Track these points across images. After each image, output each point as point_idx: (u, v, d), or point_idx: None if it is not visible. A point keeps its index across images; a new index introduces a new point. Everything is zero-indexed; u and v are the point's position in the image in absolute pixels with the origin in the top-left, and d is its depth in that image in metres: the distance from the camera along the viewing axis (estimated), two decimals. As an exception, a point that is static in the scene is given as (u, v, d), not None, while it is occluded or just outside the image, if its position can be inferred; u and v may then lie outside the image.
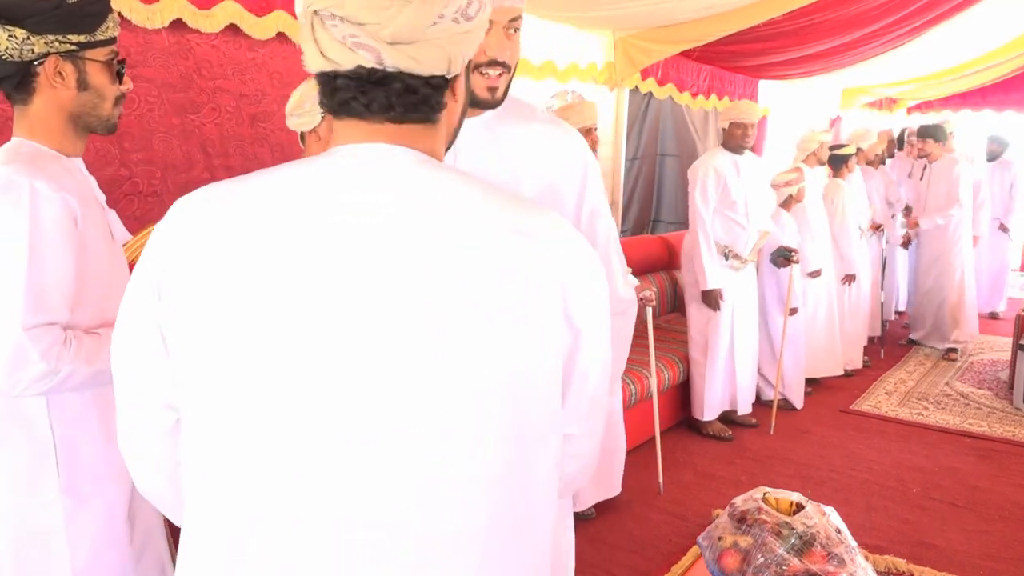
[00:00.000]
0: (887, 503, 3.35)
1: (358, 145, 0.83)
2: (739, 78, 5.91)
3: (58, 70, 1.34)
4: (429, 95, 0.83)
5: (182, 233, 0.81)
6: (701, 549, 2.10)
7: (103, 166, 2.34)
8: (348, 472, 0.75)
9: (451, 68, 0.83)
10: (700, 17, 4.19)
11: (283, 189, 0.81)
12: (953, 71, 6.87)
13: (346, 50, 0.78)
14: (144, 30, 2.44)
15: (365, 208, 0.79)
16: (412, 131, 0.84)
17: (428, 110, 0.84)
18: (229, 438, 0.78)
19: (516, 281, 0.79)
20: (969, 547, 2.99)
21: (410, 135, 0.84)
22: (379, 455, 0.75)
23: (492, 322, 0.77)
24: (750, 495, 2.11)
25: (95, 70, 1.38)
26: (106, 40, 1.38)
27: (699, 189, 3.91)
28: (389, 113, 0.82)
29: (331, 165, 0.82)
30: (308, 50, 0.82)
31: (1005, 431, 4.23)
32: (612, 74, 4.63)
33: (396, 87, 0.81)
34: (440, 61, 0.81)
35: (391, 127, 0.83)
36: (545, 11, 3.92)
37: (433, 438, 0.76)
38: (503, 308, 0.78)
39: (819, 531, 1.93)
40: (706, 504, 3.31)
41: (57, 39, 1.31)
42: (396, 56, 0.79)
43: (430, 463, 0.76)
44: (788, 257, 4.08)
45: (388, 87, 0.81)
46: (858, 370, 5.28)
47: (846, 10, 4.40)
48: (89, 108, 1.40)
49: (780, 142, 6.49)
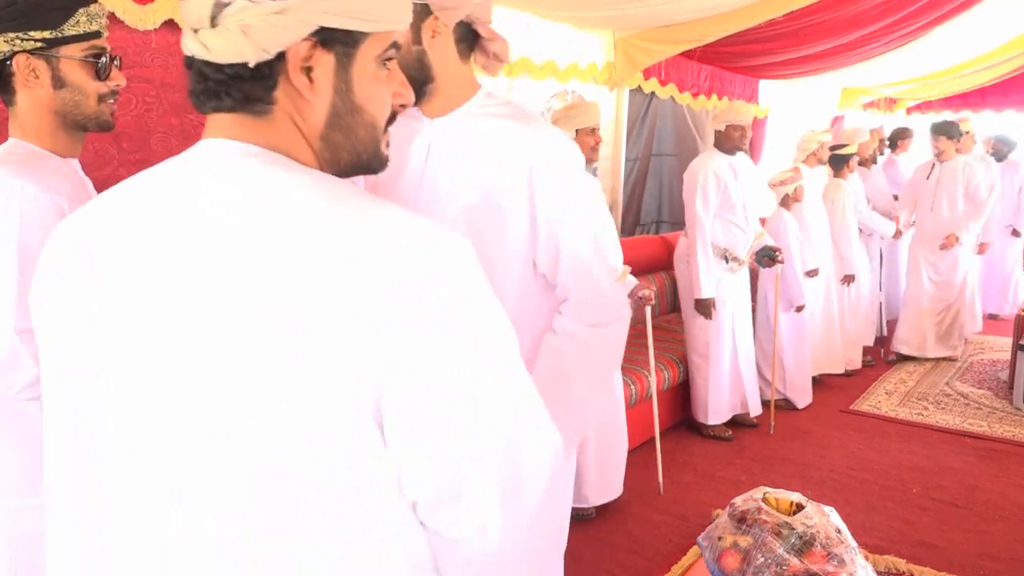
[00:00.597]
0: (887, 503, 3.35)
1: (202, 140, 0.79)
2: (739, 78, 5.91)
3: (31, 68, 1.32)
4: (223, 82, 0.76)
5: (53, 244, 0.80)
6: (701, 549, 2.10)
7: (101, 166, 2.34)
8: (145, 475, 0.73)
9: (255, 56, 0.73)
10: (700, 17, 4.19)
11: (136, 196, 0.78)
12: (953, 70, 6.86)
13: (189, 36, 0.76)
14: (141, 31, 2.44)
15: (181, 209, 0.73)
16: (242, 122, 0.77)
17: (242, 99, 0.76)
18: (65, 431, 0.78)
19: (295, 310, 0.66)
20: (969, 547, 2.99)
21: (242, 127, 0.77)
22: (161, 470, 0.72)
23: (257, 344, 0.67)
24: (750, 495, 2.10)
25: (70, 67, 1.35)
26: (79, 36, 1.34)
27: (700, 195, 3.81)
28: (210, 102, 0.78)
29: (174, 167, 0.79)
30: None
31: (1005, 431, 4.22)
32: (612, 74, 4.62)
33: (192, 74, 0.78)
34: (229, 48, 0.73)
35: (222, 118, 0.78)
36: (545, 11, 3.92)
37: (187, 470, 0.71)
38: (272, 337, 0.67)
39: (819, 531, 1.93)
40: (706, 504, 3.31)
41: (18, 36, 1.29)
42: (189, 43, 0.75)
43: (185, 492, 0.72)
44: (773, 257, 4.06)
45: (197, 74, 0.77)
46: (858, 370, 5.28)
47: (846, 10, 4.40)
48: (71, 106, 1.38)
49: (780, 142, 6.49)
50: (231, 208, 0.71)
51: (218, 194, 0.72)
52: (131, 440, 0.73)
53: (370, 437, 0.70)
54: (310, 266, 0.67)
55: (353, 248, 0.67)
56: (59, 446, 0.79)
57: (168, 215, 0.73)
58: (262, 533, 0.70)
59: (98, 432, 0.74)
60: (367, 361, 0.67)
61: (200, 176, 0.75)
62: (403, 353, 0.67)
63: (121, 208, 0.77)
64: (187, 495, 0.71)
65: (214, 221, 0.71)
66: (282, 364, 0.66)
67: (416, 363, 0.68)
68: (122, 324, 0.72)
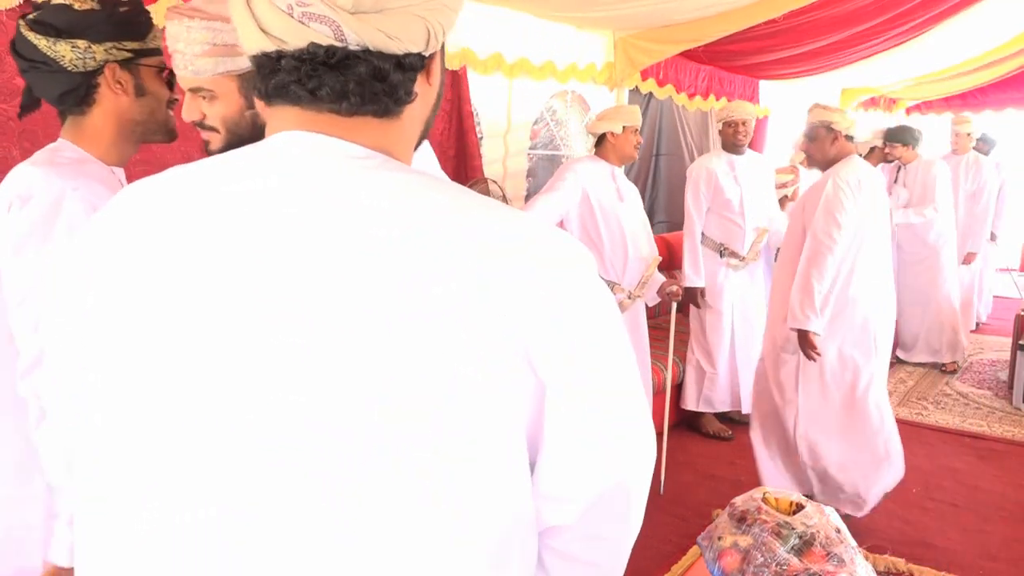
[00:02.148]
0: (887, 503, 3.35)
1: (294, 133, 0.67)
2: (739, 79, 5.91)
3: (117, 78, 1.37)
4: (399, 83, 0.67)
5: (99, 227, 0.71)
6: (701, 549, 2.10)
7: (103, 166, 2.34)
8: (217, 470, 0.64)
9: (429, 44, 0.67)
10: (700, 17, 4.19)
11: (197, 181, 0.69)
12: (953, 70, 6.85)
13: (294, 23, 0.62)
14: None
15: (276, 204, 0.65)
16: (362, 125, 0.68)
17: (391, 102, 0.68)
18: (115, 426, 0.68)
19: (430, 307, 0.61)
20: (969, 547, 2.99)
21: (358, 130, 0.68)
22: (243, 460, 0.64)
23: (382, 348, 0.61)
24: (750, 495, 2.11)
25: (149, 76, 1.42)
26: (155, 48, 1.42)
27: (691, 190, 4.01)
28: (341, 103, 0.66)
29: (255, 158, 0.69)
30: (243, 25, 0.65)
31: (1005, 431, 4.23)
32: (612, 74, 4.62)
33: (360, 71, 0.65)
34: (418, 34, 0.65)
35: (337, 120, 0.67)
36: (545, 11, 3.92)
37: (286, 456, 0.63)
38: (404, 335, 0.61)
39: (819, 531, 1.93)
40: (706, 504, 3.31)
41: (115, 46, 1.35)
42: (362, 29, 0.63)
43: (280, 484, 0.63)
44: None
45: (348, 71, 0.65)
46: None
47: (844, 6, 4.40)
48: (148, 114, 1.43)
49: (780, 142, 6.49)
50: (351, 210, 0.65)
51: (331, 194, 0.66)
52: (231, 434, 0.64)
53: (515, 444, 0.67)
54: (429, 263, 0.62)
55: (481, 244, 0.64)
56: (134, 445, 0.67)
57: (266, 208, 0.65)
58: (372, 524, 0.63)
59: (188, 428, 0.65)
60: (518, 345, 0.63)
61: (306, 172, 0.67)
62: (547, 363, 0.65)
63: (200, 195, 0.68)
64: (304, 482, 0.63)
65: (325, 219, 0.64)
66: (432, 354, 0.61)
67: (559, 378, 0.66)
68: (238, 312, 0.64)
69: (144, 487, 0.66)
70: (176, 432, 0.65)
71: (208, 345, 0.64)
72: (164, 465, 0.66)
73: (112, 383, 0.68)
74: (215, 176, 0.69)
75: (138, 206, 0.70)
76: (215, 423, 0.64)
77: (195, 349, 0.64)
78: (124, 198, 0.72)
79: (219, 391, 0.64)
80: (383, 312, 0.61)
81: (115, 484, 0.68)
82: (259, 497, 0.63)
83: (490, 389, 0.64)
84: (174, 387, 0.65)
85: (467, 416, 0.63)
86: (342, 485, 0.62)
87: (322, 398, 0.62)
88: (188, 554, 0.65)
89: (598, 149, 3.39)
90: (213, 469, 0.64)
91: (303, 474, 0.63)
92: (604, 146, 3.36)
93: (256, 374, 0.63)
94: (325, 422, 0.62)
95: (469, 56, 3.64)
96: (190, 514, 0.65)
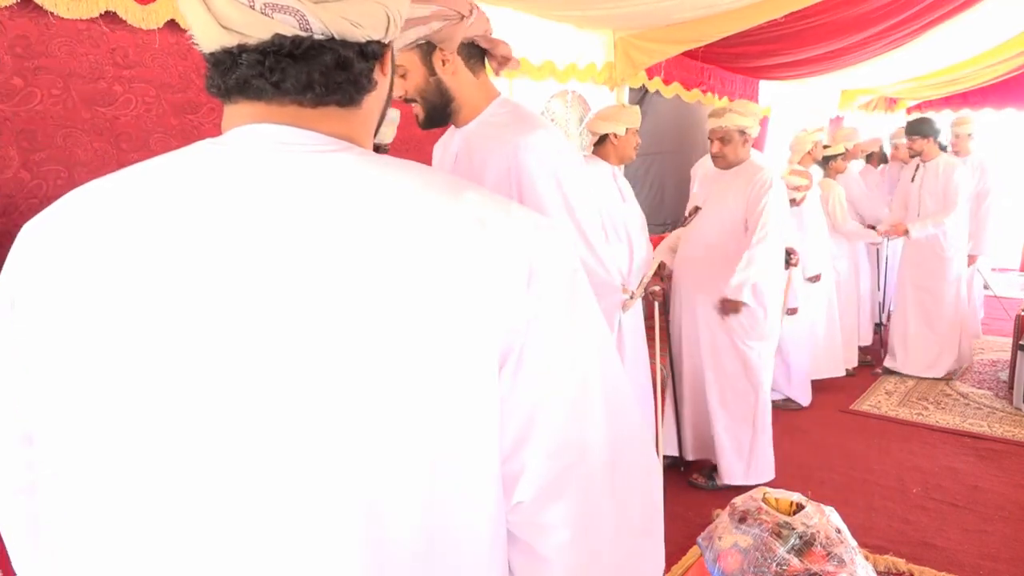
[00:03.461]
0: (887, 503, 3.35)
1: (257, 125, 0.66)
2: (739, 78, 5.92)
3: None
4: (362, 71, 0.66)
5: (39, 240, 0.66)
6: (701, 549, 2.10)
7: (101, 166, 2.34)
8: (221, 493, 0.62)
9: (389, 30, 0.67)
10: (700, 17, 4.19)
11: (161, 184, 0.65)
12: (953, 70, 6.86)
13: (256, 15, 0.61)
14: (143, 30, 2.44)
15: (255, 205, 0.62)
16: (326, 116, 0.67)
17: (354, 91, 0.67)
18: (96, 453, 0.63)
19: (432, 283, 0.61)
20: (969, 547, 2.99)
21: (322, 120, 0.67)
22: (249, 483, 0.61)
23: (392, 331, 0.61)
24: (750, 495, 2.10)
25: None
26: None
27: None
28: (306, 94, 0.65)
29: (217, 153, 0.66)
30: (199, 21, 0.62)
31: (1005, 431, 4.22)
32: (612, 74, 4.62)
33: (325, 61, 0.64)
34: (379, 21, 0.65)
35: (301, 111, 0.66)
36: (545, 11, 3.92)
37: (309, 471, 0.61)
38: (410, 318, 0.61)
39: (819, 531, 1.93)
40: (706, 504, 3.31)
41: None
42: (326, 17, 0.62)
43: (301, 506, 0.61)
44: (787, 260, 4.06)
45: (312, 61, 0.63)
46: (858, 369, 5.27)
47: (847, 12, 4.40)
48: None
49: (781, 142, 6.49)
50: (338, 203, 0.64)
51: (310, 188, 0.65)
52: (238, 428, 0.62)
53: (488, 423, 0.65)
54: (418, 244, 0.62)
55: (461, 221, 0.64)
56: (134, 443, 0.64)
57: (245, 210, 0.63)
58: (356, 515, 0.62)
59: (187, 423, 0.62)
60: (495, 328, 0.63)
61: (276, 167, 0.66)
62: (527, 316, 0.64)
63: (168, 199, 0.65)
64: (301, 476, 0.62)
65: (314, 215, 0.62)
66: (414, 340, 0.61)
67: (538, 327, 0.65)
68: (208, 317, 0.61)
69: (137, 494, 0.64)
70: (161, 441, 0.62)
71: (186, 345, 0.61)
72: (157, 473, 0.63)
73: (94, 390, 0.63)
74: (183, 174, 0.66)
75: (106, 205, 0.67)
76: (200, 428, 0.62)
77: (173, 350, 0.61)
78: (77, 199, 0.68)
79: (203, 393, 0.61)
80: (371, 299, 0.61)
81: (103, 494, 0.65)
82: (255, 500, 0.62)
83: (482, 371, 0.64)
84: (158, 390, 0.62)
85: (464, 402, 0.63)
86: (340, 475, 0.61)
87: (313, 394, 0.61)
88: (182, 553, 0.63)
89: (597, 149, 3.34)
90: (205, 472, 0.62)
91: (306, 466, 0.61)
92: (605, 146, 3.32)
93: (241, 372, 0.61)
94: (315, 417, 0.61)
95: (469, 56, 3.64)
96: (187, 512, 0.63)
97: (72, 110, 2.22)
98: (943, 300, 5.01)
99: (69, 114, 2.21)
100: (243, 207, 0.63)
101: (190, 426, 0.61)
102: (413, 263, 0.61)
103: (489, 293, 0.63)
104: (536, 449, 0.67)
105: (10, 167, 2.09)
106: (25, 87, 2.12)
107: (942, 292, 5.00)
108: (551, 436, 0.67)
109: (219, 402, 0.61)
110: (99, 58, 2.29)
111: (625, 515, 0.72)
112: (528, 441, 0.67)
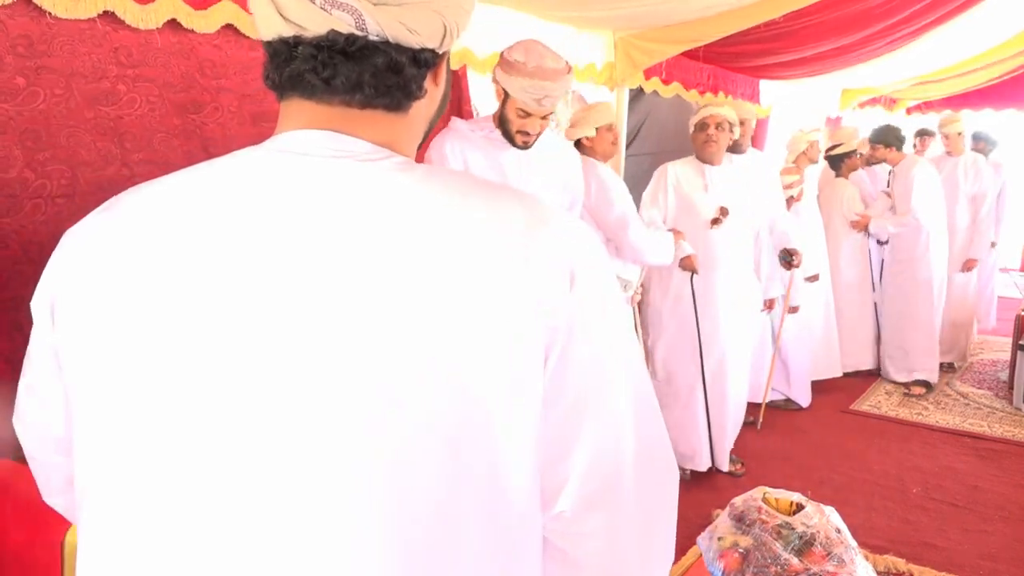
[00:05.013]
0: (887, 503, 3.36)
1: (306, 132, 0.67)
2: (740, 78, 5.92)
3: None
4: (413, 77, 0.68)
5: (81, 245, 0.68)
6: (701, 549, 2.10)
7: (104, 165, 2.34)
8: (264, 496, 0.62)
9: (444, 41, 0.68)
10: (700, 17, 4.19)
11: (212, 191, 0.66)
12: (953, 70, 6.86)
13: (315, 9, 0.62)
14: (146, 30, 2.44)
15: (305, 215, 0.63)
16: (372, 119, 0.68)
17: (402, 96, 0.68)
18: (137, 458, 0.64)
19: (480, 286, 0.63)
20: (969, 547, 3.00)
21: (368, 123, 0.68)
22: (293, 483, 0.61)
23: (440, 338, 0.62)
24: (750, 495, 2.11)
25: None
26: None
27: None
28: (354, 95, 0.66)
29: (265, 160, 0.67)
30: (262, 10, 0.65)
31: (1005, 431, 4.23)
32: (612, 74, 4.62)
33: (377, 62, 0.65)
34: (435, 30, 0.66)
35: (349, 112, 0.67)
36: (545, 11, 3.92)
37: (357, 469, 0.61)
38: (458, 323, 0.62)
39: (819, 531, 1.93)
40: (706, 504, 3.31)
41: None
42: (383, 20, 0.63)
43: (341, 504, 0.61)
44: (790, 261, 4.06)
45: (364, 62, 0.65)
46: (858, 369, 5.26)
47: (846, 10, 4.41)
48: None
49: (782, 142, 6.50)
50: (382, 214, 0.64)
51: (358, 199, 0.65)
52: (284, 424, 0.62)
53: (533, 417, 0.66)
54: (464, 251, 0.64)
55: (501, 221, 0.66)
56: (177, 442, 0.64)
57: (292, 218, 0.64)
58: None
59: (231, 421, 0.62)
60: (541, 326, 0.64)
61: (326, 177, 0.66)
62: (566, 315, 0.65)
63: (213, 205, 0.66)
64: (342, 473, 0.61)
65: (356, 226, 0.63)
66: (467, 340, 0.62)
67: (575, 327, 0.66)
68: (253, 319, 0.62)
69: (180, 493, 0.64)
70: (205, 434, 0.63)
71: (238, 346, 0.62)
72: (201, 475, 0.63)
73: (139, 391, 0.64)
74: (234, 181, 0.67)
75: (151, 211, 0.68)
76: (251, 442, 0.62)
77: (225, 350, 0.62)
78: (133, 201, 0.70)
79: (253, 402, 0.62)
80: (426, 303, 0.62)
81: (128, 489, 0.65)
82: (285, 496, 0.62)
83: (531, 366, 0.65)
84: (205, 396, 0.62)
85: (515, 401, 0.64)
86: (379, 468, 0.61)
87: (370, 405, 0.61)
88: (206, 549, 0.63)
89: (582, 152, 3.29)
90: (237, 468, 0.62)
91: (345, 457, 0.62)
92: (584, 151, 3.30)
93: (291, 375, 0.61)
94: (372, 431, 0.61)
95: (469, 56, 3.64)
96: (211, 509, 0.63)
97: (75, 110, 2.22)
98: (916, 303, 4.89)
99: (72, 114, 2.21)
100: (293, 217, 0.63)
101: (241, 439, 0.61)
102: (462, 269, 0.63)
103: (536, 293, 0.64)
104: (578, 460, 0.68)
105: (14, 166, 2.09)
106: (28, 87, 2.13)
107: (916, 295, 4.88)
108: (592, 445, 0.68)
109: (274, 411, 0.61)
110: (102, 58, 2.29)
111: (648, 519, 0.74)
112: (571, 452, 0.68)
